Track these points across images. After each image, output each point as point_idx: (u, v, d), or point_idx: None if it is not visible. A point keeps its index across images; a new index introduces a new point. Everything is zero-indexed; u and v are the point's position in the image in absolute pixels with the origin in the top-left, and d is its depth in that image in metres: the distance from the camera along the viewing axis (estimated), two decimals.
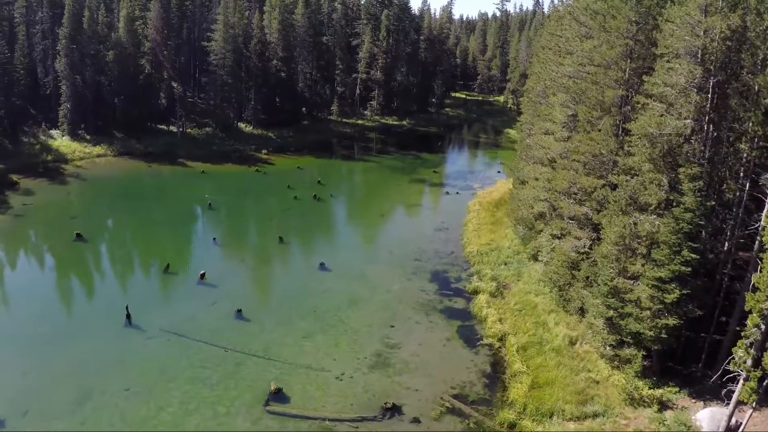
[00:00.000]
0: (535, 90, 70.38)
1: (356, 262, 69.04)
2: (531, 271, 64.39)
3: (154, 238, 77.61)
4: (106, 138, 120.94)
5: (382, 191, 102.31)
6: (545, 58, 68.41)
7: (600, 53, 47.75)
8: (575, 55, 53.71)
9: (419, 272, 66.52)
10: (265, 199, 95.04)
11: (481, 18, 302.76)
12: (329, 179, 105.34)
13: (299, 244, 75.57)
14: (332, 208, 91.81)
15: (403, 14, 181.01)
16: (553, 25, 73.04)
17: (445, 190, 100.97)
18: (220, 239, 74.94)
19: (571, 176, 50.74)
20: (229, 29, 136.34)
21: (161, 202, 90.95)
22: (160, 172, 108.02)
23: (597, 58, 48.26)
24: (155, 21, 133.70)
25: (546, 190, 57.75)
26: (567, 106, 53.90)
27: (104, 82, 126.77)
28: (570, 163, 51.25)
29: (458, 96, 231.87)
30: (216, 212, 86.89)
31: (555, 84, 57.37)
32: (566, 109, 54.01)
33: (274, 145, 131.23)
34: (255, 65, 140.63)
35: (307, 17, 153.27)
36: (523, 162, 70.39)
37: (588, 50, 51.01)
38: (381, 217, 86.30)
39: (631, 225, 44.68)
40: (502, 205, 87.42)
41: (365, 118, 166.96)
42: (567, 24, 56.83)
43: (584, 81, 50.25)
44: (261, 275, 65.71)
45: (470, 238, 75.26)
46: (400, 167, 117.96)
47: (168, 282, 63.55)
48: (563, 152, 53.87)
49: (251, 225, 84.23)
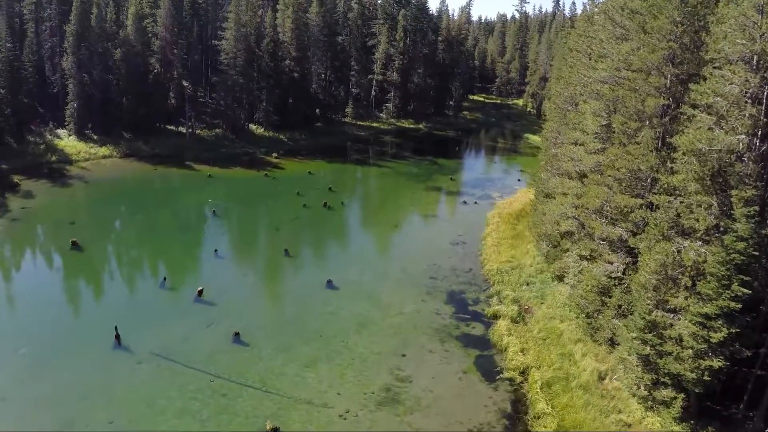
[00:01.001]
0: (563, 95, 65.08)
1: (366, 279, 64.09)
2: (555, 294, 59.25)
3: (153, 247, 73.39)
4: (113, 138, 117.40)
5: (396, 199, 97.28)
6: (574, 61, 63.18)
7: (639, 57, 42.56)
8: (609, 58, 48.42)
9: (434, 292, 61.51)
10: (272, 207, 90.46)
11: (500, 19, 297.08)
12: (341, 186, 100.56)
13: (306, 257, 70.74)
14: (343, 217, 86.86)
15: (421, 14, 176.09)
16: (583, 26, 67.69)
17: (463, 200, 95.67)
18: (222, 250, 70.30)
19: (605, 193, 45.57)
20: (240, 28, 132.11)
21: (164, 208, 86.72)
22: (165, 176, 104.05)
23: (636, 63, 43.05)
24: (165, 19, 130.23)
25: (575, 207, 52.57)
26: (600, 114, 48.66)
27: (112, 80, 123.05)
28: (603, 179, 46.06)
29: (476, 99, 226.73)
30: (220, 220, 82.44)
31: (586, 90, 52.03)
32: (599, 118, 48.76)
33: (285, 148, 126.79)
34: (267, 65, 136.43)
35: (321, 16, 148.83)
36: (547, 173, 65.20)
37: (625, 53, 45.79)
38: (394, 228, 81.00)
39: (674, 253, 39.56)
40: (523, 217, 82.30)
41: (380, 121, 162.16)
42: (600, 24, 51.46)
43: (621, 88, 45.06)
44: (263, 293, 60.94)
45: (489, 254, 70.15)
46: (415, 173, 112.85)
47: (163, 298, 59.09)
48: (595, 166, 48.68)
49: (256, 235, 79.56)
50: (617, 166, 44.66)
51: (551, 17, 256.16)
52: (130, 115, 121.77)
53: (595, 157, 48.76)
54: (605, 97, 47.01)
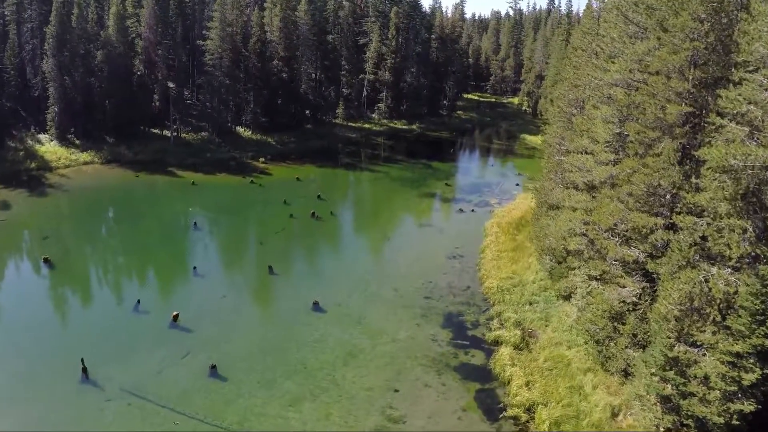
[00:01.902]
0: (567, 98, 60.00)
1: (356, 300, 59.04)
2: (561, 315, 54.45)
3: (128, 265, 68.60)
4: (95, 143, 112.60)
5: (389, 208, 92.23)
6: (580, 61, 58.28)
7: (658, 58, 37.70)
8: (621, 59, 43.52)
9: (430, 314, 56.55)
10: (257, 217, 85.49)
11: (494, 17, 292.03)
12: (330, 193, 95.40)
13: (291, 275, 65.61)
14: (332, 229, 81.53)
15: (414, 12, 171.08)
16: (588, 23, 62.67)
17: (459, 207, 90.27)
18: (202, 267, 65.35)
19: (619, 211, 40.77)
20: (226, 27, 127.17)
21: (143, 219, 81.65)
22: (147, 183, 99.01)
23: (655, 64, 38.15)
24: (148, 19, 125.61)
25: (584, 223, 47.73)
26: (612, 121, 43.73)
27: (94, 83, 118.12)
28: (617, 194, 41.25)
29: (471, 98, 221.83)
30: (201, 232, 77.51)
31: (596, 94, 46.97)
32: (611, 126, 43.84)
33: (273, 151, 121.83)
34: (254, 65, 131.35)
35: (310, 14, 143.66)
36: (550, 182, 60.37)
37: (640, 54, 40.95)
38: (386, 241, 75.86)
39: (701, 282, 34.92)
40: (523, 226, 77.48)
41: (372, 122, 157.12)
42: (612, 22, 46.53)
43: (636, 92, 40.25)
44: (244, 317, 55.68)
45: (489, 270, 65.25)
46: (408, 178, 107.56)
47: (136, 323, 54.15)
48: (607, 179, 43.85)
49: (239, 249, 74.39)
50: (633, 181, 39.89)
51: (546, 14, 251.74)
52: (113, 118, 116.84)
53: (607, 168, 43.85)
54: (619, 102, 42.05)
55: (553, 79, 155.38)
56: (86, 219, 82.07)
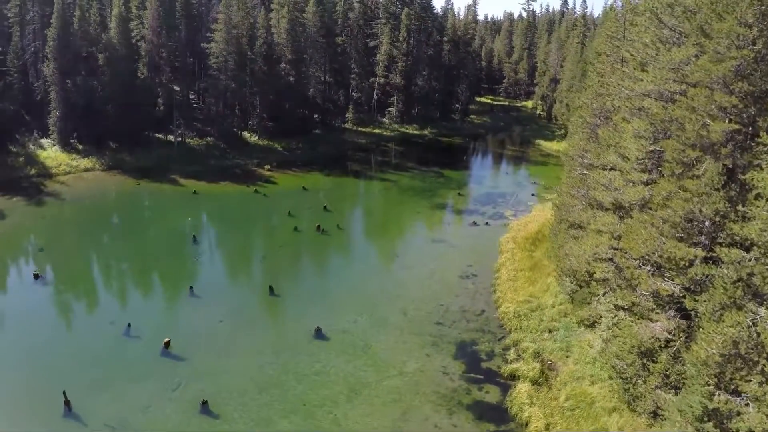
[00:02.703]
0: (591, 107, 55.39)
1: (362, 326, 54.75)
2: (584, 345, 50.06)
3: (121, 283, 65.24)
4: (98, 149, 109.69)
5: (398, 220, 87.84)
6: (604, 67, 53.74)
7: (700, 67, 33.31)
8: (655, 67, 39.07)
9: (441, 343, 52.21)
10: (259, 231, 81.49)
11: (507, 18, 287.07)
12: (337, 204, 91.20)
13: (293, 296, 61.29)
14: (338, 244, 77.11)
15: (426, 13, 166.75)
16: (613, 27, 57.86)
17: (472, 220, 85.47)
18: (199, 287, 61.42)
19: (654, 239, 36.40)
20: (231, 29, 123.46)
21: (140, 232, 78.08)
22: (147, 192, 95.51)
23: (696, 74, 33.69)
24: (151, 21, 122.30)
25: (612, 249, 43.30)
26: (645, 137, 39.31)
27: (97, 87, 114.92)
28: (651, 219, 36.88)
29: (484, 101, 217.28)
30: (200, 248, 73.51)
31: (626, 105, 42.39)
32: (644, 141, 39.39)
33: (279, 158, 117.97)
34: (260, 69, 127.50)
35: (318, 16, 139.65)
36: (572, 198, 55.92)
37: (677, 62, 36.53)
38: (396, 258, 71.46)
39: (748, 324, 30.58)
40: (540, 241, 73.05)
41: (383, 127, 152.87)
42: (644, 25, 41.89)
43: (675, 105, 35.87)
44: (240, 345, 51.40)
45: (504, 291, 60.88)
46: (419, 188, 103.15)
47: (126, 350, 50.33)
48: (639, 202, 39.45)
49: (239, 267, 70.30)
50: (669, 205, 35.51)
51: (560, 16, 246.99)
52: (115, 123, 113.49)
53: (639, 190, 39.40)
54: (654, 116, 37.50)
55: (569, 83, 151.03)
56: (82, 231, 78.50)
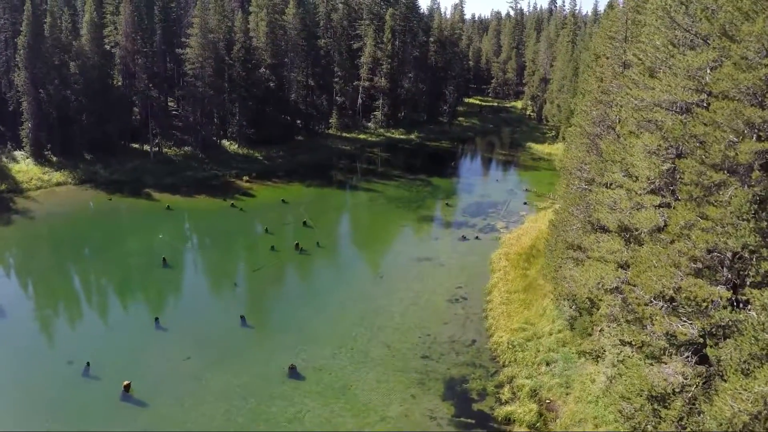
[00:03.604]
0: (590, 115, 49.96)
1: (341, 362, 49.25)
2: (585, 379, 44.88)
3: (81, 315, 59.65)
4: (72, 161, 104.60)
5: (383, 236, 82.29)
6: (604, 71, 48.26)
7: (725, 76, 28.22)
8: (669, 74, 33.83)
9: (428, 380, 46.82)
10: (234, 251, 75.86)
11: (495, 17, 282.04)
12: (319, 218, 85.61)
13: (267, 327, 55.70)
14: (317, 265, 71.48)
15: (411, 13, 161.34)
16: (612, 27, 52.08)
17: (461, 234, 79.85)
18: (165, 318, 56.06)
19: (669, 274, 31.28)
20: (207, 34, 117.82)
21: (106, 255, 72.49)
22: (118, 208, 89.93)
23: (721, 84, 28.58)
24: (125, 26, 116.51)
25: (619, 281, 38.08)
26: (658, 153, 34.15)
27: (70, 96, 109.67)
28: (666, 251, 31.77)
29: (472, 102, 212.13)
30: (170, 271, 67.94)
31: (634, 116, 37.00)
32: (656, 159, 34.21)
33: (259, 168, 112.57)
34: (239, 74, 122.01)
35: (299, 18, 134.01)
36: (571, 216, 50.71)
37: (695, 68, 31.43)
38: (379, 279, 66.02)
39: None
40: (535, 257, 67.99)
41: (368, 132, 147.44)
42: (654, 25, 36.40)
43: (695, 119, 30.70)
44: (208, 387, 45.83)
45: (497, 318, 55.62)
46: (405, 198, 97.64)
47: (84, 393, 45.06)
48: (653, 230, 34.25)
49: (210, 293, 64.68)
50: (688, 235, 30.39)
51: (548, 14, 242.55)
52: (89, 134, 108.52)
53: (651, 216, 34.18)
54: (671, 132, 32.20)
55: (559, 83, 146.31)
56: (44, 255, 73.32)
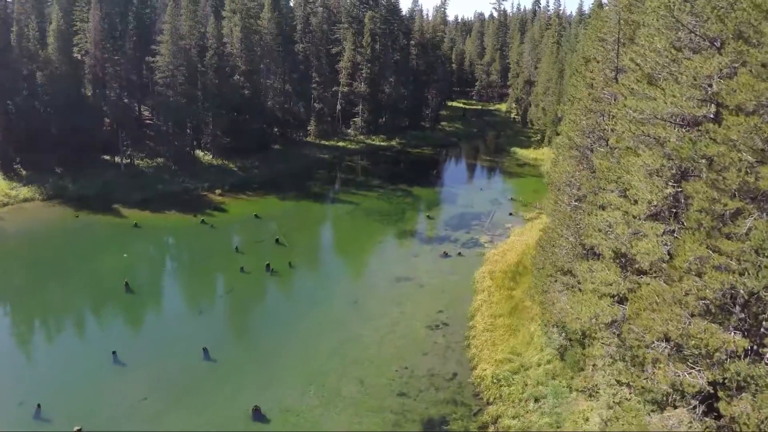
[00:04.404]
0: (580, 125, 45.35)
1: (309, 402, 44.35)
2: (577, 417, 40.45)
3: (34, 348, 54.37)
4: (41, 175, 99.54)
5: (359, 254, 77.47)
6: (596, 78, 43.72)
7: (742, 86, 23.88)
8: (670, 81, 29.38)
9: (404, 422, 41.95)
10: (201, 273, 70.95)
11: (478, 18, 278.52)
12: (292, 234, 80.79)
13: (231, 362, 50.69)
14: (288, 288, 66.48)
15: (392, 16, 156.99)
16: (603, 27, 46.94)
17: (443, 250, 74.85)
18: (123, 351, 51.15)
19: (675, 317, 26.90)
20: (178, 40, 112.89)
21: (66, 278, 67.42)
22: (85, 226, 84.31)
23: (736, 96, 24.27)
24: (94, 34, 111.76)
25: (615, 315, 33.60)
26: (660, 174, 29.69)
27: (39, 108, 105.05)
28: (672, 291, 27.42)
29: (456, 105, 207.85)
30: (132, 297, 62.91)
31: (632, 130, 32.25)
32: (658, 181, 29.83)
33: (233, 180, 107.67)
34: (211, 82, 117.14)
35: (274, 23, 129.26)
36: (559, 237, 46.33)
37: (703, 77, 27.07)
38: (353, 305, 60.84)
39: None
40: (521, 275, 63.57)
41: (348, 139, 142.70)
42: (653, 25, 31.51)
43: (705, 136, 26.30)
44: None
45: (480, 347, 51.00)
46: (385, 211, 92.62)
47: None
48: (656, 263, 29.85)
49: (172, 322, 59.21)
50: (698, 271, 26.02)
51: (532, 15, 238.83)
52: (58, 146, 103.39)
53: (653, 246, 29.72)
54: (679, 152, 27.57)
55: (544, 86, 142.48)
56: (7, 277, 68.29)
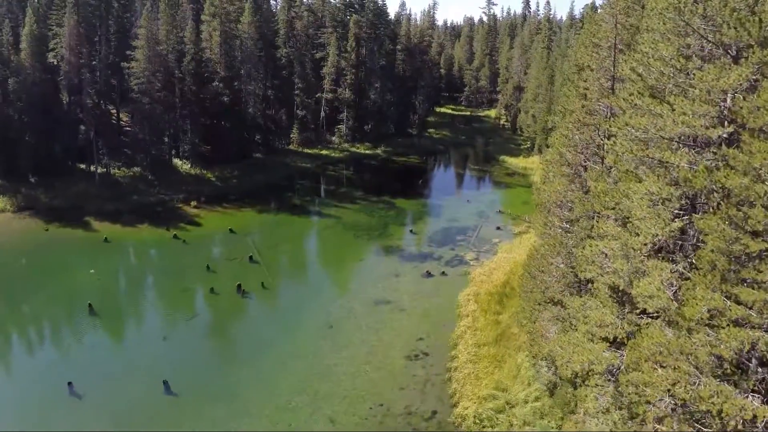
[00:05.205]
0: (572, 140, 40.97)
1: None
2: None
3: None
4: (15, 185, 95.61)
5: (337, 273, 72.94)
6: (591, 87, 39.31)
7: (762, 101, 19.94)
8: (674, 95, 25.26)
9: None
10: (169, 293, 66.44)
11: (467, 23, 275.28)
12: (268, 251, 76.31)
13: (193, 395, 46.03)
14: (258, 312, 61.82)
15: (378, 20, 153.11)
16: (598, 32, 42.26)
17: (426, 269, 70.18)
18: (80, 382, 46.69)
19: (683, 374, 22.85)
20: (155, 46, 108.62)
21: (30, 296, 63.05)
22: (53, 240, 79.37)
23: (761, 117, 20.35)
24: (69, 39, 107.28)
25: (611, 363, 29.50)
26: (667, 204, 25.61)
27: (13, 115, 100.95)
28: (679, 344, 23.37)
29: (444, 111, 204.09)
30: (95, 320, 58.37)
31: (633, 151, 27.70)
32: (664, 210, 25.77)
33: (210, 191, 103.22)
34: (189, 88, 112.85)
35: (255, 27, 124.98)
36: (549, 266, 42.25)
37: (718, 90, 23.05)
38: (327, 331, 56.05)
39: None
40: (508, 297, 59.45)
41: (331, 148, 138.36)
42: (659, 30, 26.66)
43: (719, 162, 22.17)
44: None
45: (462, 381, 46.67)
46: (366, 225, 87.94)
47: None
48: (665, 309, 25.76)
49: (134, 350, 54.47)
50: (710, 324, 21.99)
51: (522, 19, 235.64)
52: (34, 155, 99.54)
53: (656, 289, 25.64)
54: (691, 182, 23.29)
55: (534, 92, 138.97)
56: None
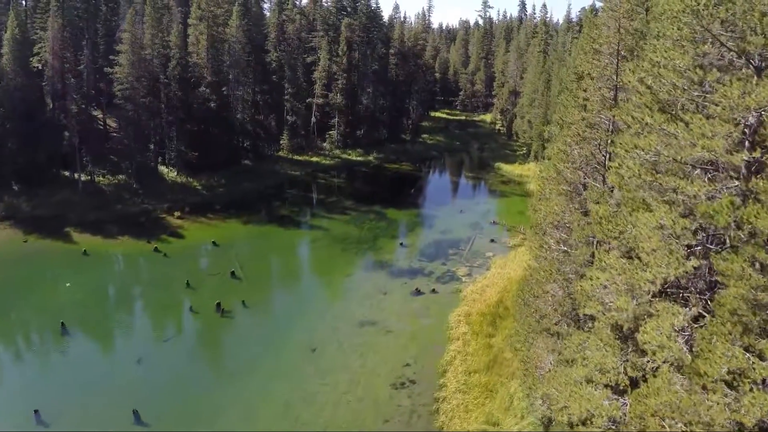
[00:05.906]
0: (571, 155, 37.47)
1: None
2: None
3: None
4: None
5: (322, 291, 69.67)
6: (592, 98, 35.70)
7: None
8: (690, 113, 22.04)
9: None
10: (145, 312, 63.28)
11: (463, 26, 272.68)
12: (252, 265, 73.03)
13: (164, 426, 43.31)
14: (238, 332, 58.20)
15: (372, 23, 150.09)
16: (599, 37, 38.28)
17: (415, 286, 66.65)
18: (47, 410, 43.66)
19: (695, 424, 19.78)
20: (139, 50, 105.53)
21: (4, 312, 60.26)
22: (31, 253, 76.15)
23: None
24: (52, 43, 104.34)
25: (613, 414, 26.41)
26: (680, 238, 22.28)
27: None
28: (692, 400, 20.26)
29: (438, 116, 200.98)
30: (68, 341, 55.26)
31: (641, 177, 24.22)
32: (677, 248, 22.45)
33: (195, 200, 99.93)
34: (175, 94, 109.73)
35: (243, 30, 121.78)
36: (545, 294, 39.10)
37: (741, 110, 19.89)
38: (309, 355, 52.62)
39: None
40: (502, 318, 56.29)
41: (322, 154, 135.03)
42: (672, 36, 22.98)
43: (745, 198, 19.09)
44: None
45: (451, 413, 43.38)
46: (355, 238, 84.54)
47: None
48: (677, 360, 22.50)
49: (106, 374, 51.06)
50: (730, 383, 18.93)
51: (518, 23, 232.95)
52: (16, 162, 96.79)
53: (668, 342, 22.40)
54: (714, 220, 19.97)
55: (530, 97, 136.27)
56: None
